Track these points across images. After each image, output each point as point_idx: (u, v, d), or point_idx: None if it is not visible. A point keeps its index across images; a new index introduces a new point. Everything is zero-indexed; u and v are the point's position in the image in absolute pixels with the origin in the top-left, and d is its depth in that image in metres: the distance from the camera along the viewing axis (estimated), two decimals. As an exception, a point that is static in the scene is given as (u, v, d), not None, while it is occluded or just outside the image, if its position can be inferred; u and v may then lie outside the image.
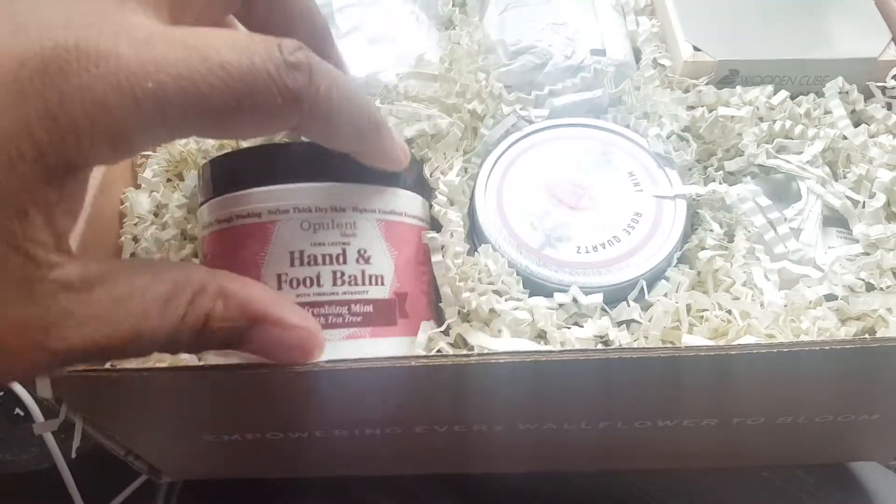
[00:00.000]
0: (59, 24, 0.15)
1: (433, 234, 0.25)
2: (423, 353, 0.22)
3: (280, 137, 0.29)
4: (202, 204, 0.25)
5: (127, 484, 0.39)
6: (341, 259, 0.23)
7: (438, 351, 0.24)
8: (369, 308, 0.23)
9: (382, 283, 0.23)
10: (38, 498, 0.39)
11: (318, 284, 0.23)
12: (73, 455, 0.26)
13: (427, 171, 0.28)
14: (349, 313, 0.23)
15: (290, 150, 0.25)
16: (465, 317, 0.25)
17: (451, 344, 0.24)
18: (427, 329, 0.24)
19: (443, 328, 0.24)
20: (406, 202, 0.25)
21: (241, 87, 0.16)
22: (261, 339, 0.19)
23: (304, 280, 0.23)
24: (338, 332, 0.23)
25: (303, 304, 0.22)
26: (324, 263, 0.23)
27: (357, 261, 0.23)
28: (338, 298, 0.23)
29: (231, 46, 0.16)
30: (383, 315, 0.23)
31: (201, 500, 0.37)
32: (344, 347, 0.22)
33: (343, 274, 0.23)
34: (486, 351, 0.24)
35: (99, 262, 0.16)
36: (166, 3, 0.17)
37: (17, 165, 0.14)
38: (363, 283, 0.23)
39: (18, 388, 0.32)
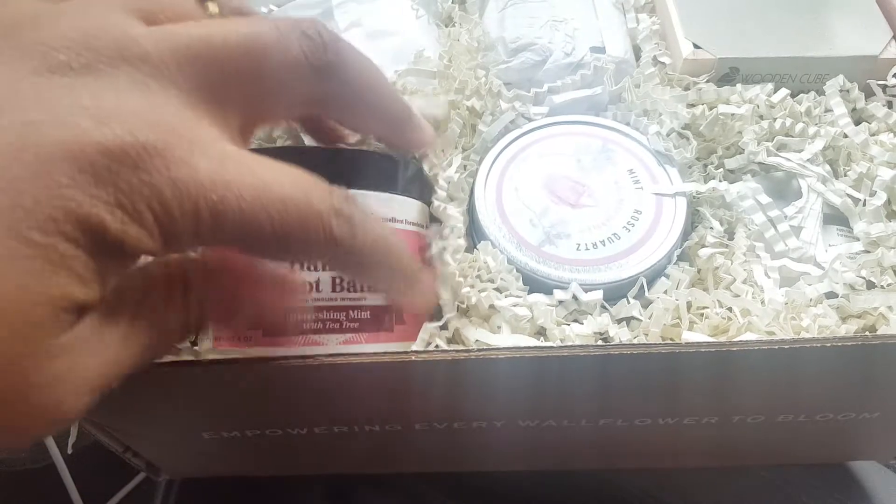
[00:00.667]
0: (142, 121, 0.15)
1: (433, 229, 0.25)
2: (422, 349, 0.22)
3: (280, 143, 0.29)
4: None
5: (125, 482, 0.39)
6: None
7: (436, 347, 0.24)
8: (366, 314, 0.23)
9: None
10: (36, 495, 0.39)
11: (318, 290, 0.23)
12: (69, 451, 0.25)
13: (426, 168, 0.28)
14: (347, 319, 0.23)
15: (292, 156, 0.25)
16: (465, 312, 0.25)
17: (448, 339, 0.24)
18: (426, 326, 0.24)
19: (441, 323, 0.24)
20: (405, 208, 0.25)
21: (294, 223, 0.17)
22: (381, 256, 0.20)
23: (304, 285, 0.23)
24: (335, 338, 0.23)
25: (302, 309, 0.22)
26: (323, 269, 0.23)
27: None
28: (336, 304, 0.23)
29: (293, 183, 0.17)
30: (380, 321, 0.23)
31: (200, 499, 0.36)
32: (340, 352, 0.22)
33: (342, 280, 0.23)
34: (485, 346, 0.24)
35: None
36: (236, 123, 0.18)
37: (78, 238, 0.15)
38: (361, 290, 0.23)
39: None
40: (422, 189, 0.27)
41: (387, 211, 0.24)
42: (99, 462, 0.35)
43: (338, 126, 0.26)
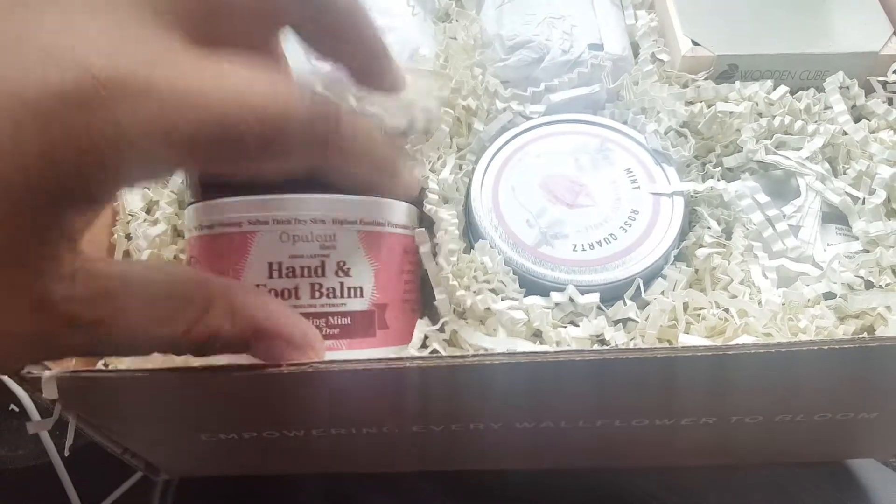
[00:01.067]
0: (91, 51, 0.14)
1: (422, 231, 0.25)
2: (418, 354, 0.22)
3: None
4: (188, 205, 0.25)
5: (123, 480, 0.39)
6: (320, 272, 0.23)
7: (433, 351, 0.24)
8: (347, 320, 0.23)
9: (361, 295, 0.23)
10: (33, 494, 0.39)
11: (296, 297, 0.22)
12: (67, 454, 0.25)
13: (418, 170, 0.27)
14: (327, 325, 0.23)
15: None
16: (461, 315, 0.25)
17: (446, 341, 0.24)
18: (422, 327, 0.24)
19: (438, 326, 0.24)
20: (389, 211, 0.25)
21: (274, 130, 0.16)
22: (265, 349, 0.19)
23: (283, 292, 0.22)
24: None
25: None
26: (302, 276, 0.23)
27: (336, 273, 0.23)
28: (315, 311, 0.23)
29: (268, 88, 0.16)
30: (362, 327, 0.23)
31: (198, 498, 0.37)
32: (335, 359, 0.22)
33: (321, 286, 0.23)
34: (481, 350, 0.24)
35: (112, 270, 0.17)
36: (201, 20, 0.17)
37: (39, 195, 0.14)
38: (341, 296, 0.23)
39: (13, 385, 0.32)
40: None
41: (370, 214, 0.24)
42: (96, 460, 0.35)
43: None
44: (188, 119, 0.15)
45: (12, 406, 0.40)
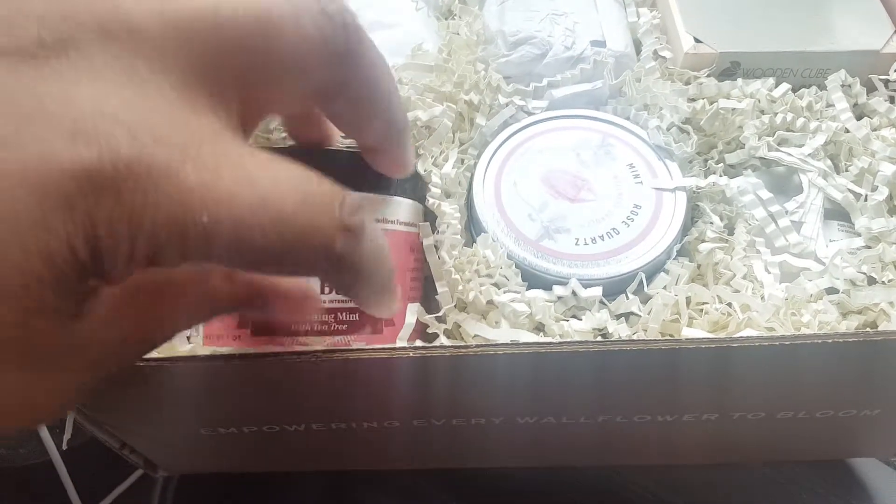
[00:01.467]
0: (124, 130, 0.13)
1: (425, 225, 0.25)
2: (421, 344, 0.22)
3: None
4: None
5: (123, 478, 0.38)
6: None
7: (433, 336, 0.24)
8: (354, 316, 0.23)
9: None
10: (33, 493, 0.39)
11: None
12: (64, 448, 0.25)
13: (421, 165, 0.27)
14: (335, 321, 0.23)
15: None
16: (463, 308, 0.25)
17: (447, 329, 0.24)
18: (414, 311, 0.24)
19: (441, 313, 0.24)
20: (396, 209, 0.25)
21: (294, 245, 0.15)
22: (263, 306, 0.19)
23: (319, 300, 0.22)
24: (321, 339, 0.23)
25: None
26: None
27: None
28: (324, 307, 0.23)
29: (296, 195, 0.15)
30: (369, 323, 0.23)
31: (197, 495, 0.36)
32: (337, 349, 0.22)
33: None
34: (483, 340, 0.24)
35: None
36: (238, 111, 0.16)
37: (51, 278, 0.13)
38: None
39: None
40: (415, 186, 0.27)
41: (377, 213, 0.24)
42: (96, 458, 0.35)
43: (327, 127, 0.24)
44: (211, 217, 0.14)
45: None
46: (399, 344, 0.24)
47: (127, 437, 0.28)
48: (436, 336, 0.24)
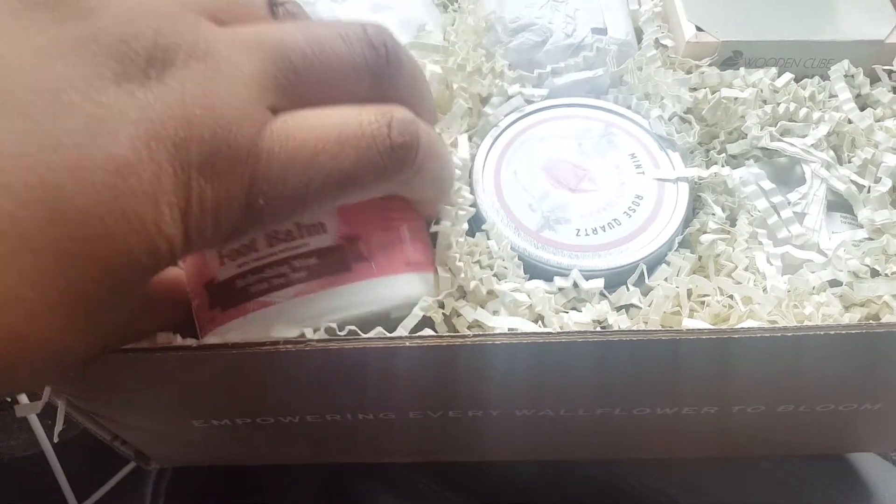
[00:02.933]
0: (208, 119, 0.16)
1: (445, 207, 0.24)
2: (417, 334, 0.22)
3: None
4: None
5: (116, 470, 0.38)
6: None
7: (428, 319, 0.23)
8: (312, 260, 0.21)
9: (324, 231, 0.21)
10: (26, 485, 0.39)
11: (255, 249, 0.21)
12: (56, 439, 0.25)
13: None
14: (291, 270, 0.21)
15: None
16: (462, 296, 0.25)
17: (445, 315, 0.23)
18: (427, 281, 0.23)
19: (440, 296, 0.23)
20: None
21: (363, 172, 0.19)
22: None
23: (241, 249, 0.21)
24: (284, 293, 0.21)
25: (245, 273, 0.21)
26: None
27: None
28: (276, 258, 0.21)
29: (350, 135, 0.18)
30: (332, 264, 0.21)
31: (190, 488, 0.36)
32: (294, 307, 0.21)
33: (276, 232, 0.21)
34: (482, 327, 0.23)
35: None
36: (286, 94, 0.18)
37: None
38: (300, 237, 0.21)
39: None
40: None
41: (393, 203, 0.23)
42: (89, 452, 0.35)
43: None
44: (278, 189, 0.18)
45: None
46: (368, 288, 0.22)
47: (118, 429, 0.28)
48: (431, 321, 0.23)
